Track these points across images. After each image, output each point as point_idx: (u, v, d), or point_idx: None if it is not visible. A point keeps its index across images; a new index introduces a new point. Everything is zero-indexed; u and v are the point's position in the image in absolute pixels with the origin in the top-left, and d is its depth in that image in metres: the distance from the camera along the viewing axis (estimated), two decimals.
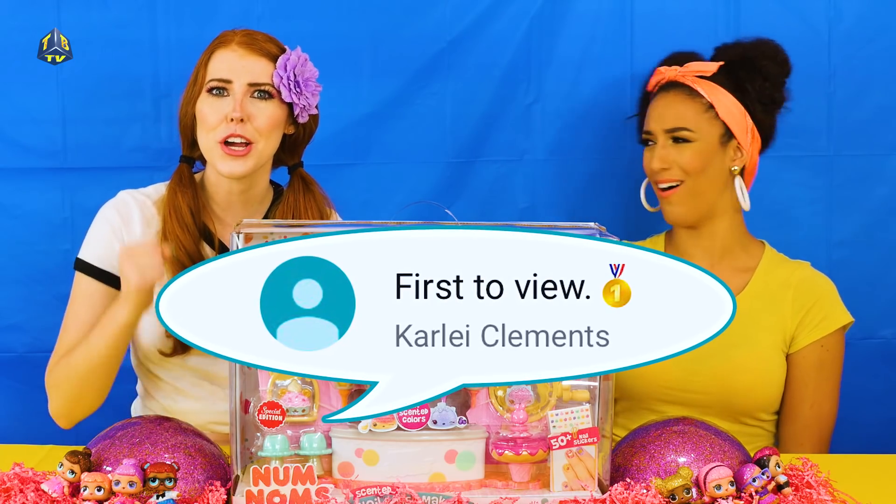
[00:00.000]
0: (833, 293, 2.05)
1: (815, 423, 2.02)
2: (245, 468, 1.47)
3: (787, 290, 2.03)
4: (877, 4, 2.28)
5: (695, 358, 1.95)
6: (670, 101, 2.03)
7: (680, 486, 1.41)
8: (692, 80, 2.02)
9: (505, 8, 2.27)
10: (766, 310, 2.01)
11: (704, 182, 2.01)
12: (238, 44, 1.87)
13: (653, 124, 2.04)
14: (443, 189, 2.30)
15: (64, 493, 1.41)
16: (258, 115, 1.85)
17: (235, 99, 1.84)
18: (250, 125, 1.84)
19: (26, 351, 2.27)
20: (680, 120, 2.01)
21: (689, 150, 2.00)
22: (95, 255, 1.90)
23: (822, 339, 2.01)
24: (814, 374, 2.01)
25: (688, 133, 2.00)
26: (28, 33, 2.20)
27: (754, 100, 2.03)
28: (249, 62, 1.86)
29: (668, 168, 2.01)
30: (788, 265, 2.07)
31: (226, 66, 1.85)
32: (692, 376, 1.97)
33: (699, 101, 2.01)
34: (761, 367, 1.99)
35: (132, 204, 1.92)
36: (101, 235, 1.91)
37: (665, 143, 2.02)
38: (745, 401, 2.00)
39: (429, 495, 1.42)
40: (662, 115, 2.03)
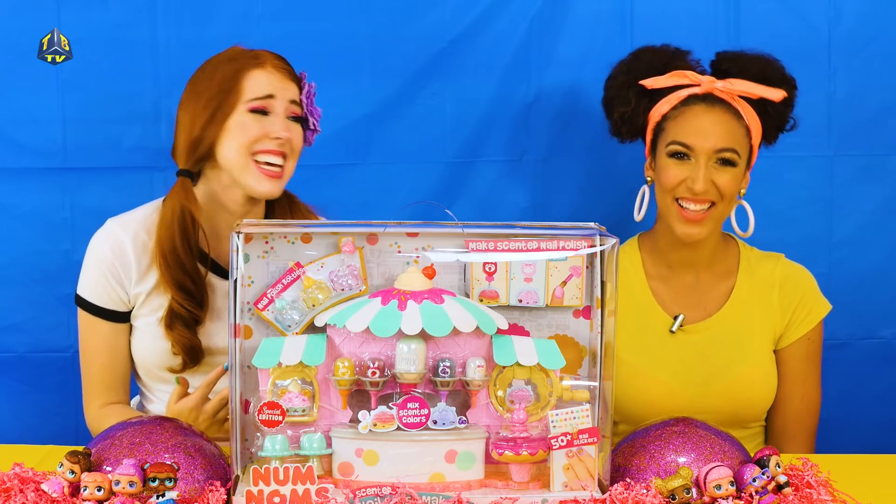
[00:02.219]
0: (813, 284, 2.04)
1: (805, 415, 2.02)
2: (245, 468, 1.47)
3: (771, 289, 2.02)
4: (877, 4, 2.28)
5: (700, 381, 1.96)
6: (718, 119, 1.92)
7: (680, 486, 1.41)
8: (735, 98, 1.93)
9: (505, 8, 2.27)
10: (754, 315, 2.01)
11: (729, 207, 1.96)
12: (274, 67, 1.90)
13: (698, 140, 1.90)
14: (443, 189, 2.30)
15: (64, 493, 1.41)
16: (294, 137, 1.90)
17: (279, 117, 1.88)
18: (289, 146, 1.89)
19: (26, 351, 2.27)
20: (730, 140, 1.91)
21: (729, 173, 1.91)
22: (90, 292, 1.92)
23: (808, 333, 2.01)
24: (801, 367, 2.01)
25: (734, 156, 1.91)
26: (28, 33, 2.20)
27: (772, 125, 1.98)
28: (287, 86, 1.90)
29: (707, 191, 1.90)
30: (766, 261, 2.04)
31: (269, 87, 1.88)
32: (700, 399, 1.96)
33: (741, 122, 1.93)
34: (763, 377, 1.99)
35: (123, 235, 1.91)
36: (93, 274, 1.91)
37: (708, 164, 1.90)
38: (752, 410, 2.00)
39: (429, 495, 1.42)
40: (710, 132, 1.90)
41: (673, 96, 1.96)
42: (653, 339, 1.99)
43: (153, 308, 1.90)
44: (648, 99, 2.00)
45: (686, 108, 1.94)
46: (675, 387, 1.96)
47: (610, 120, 2.06)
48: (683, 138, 1.92)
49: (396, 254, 1.54)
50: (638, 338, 1.99)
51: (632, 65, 2.02)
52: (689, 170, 1.91)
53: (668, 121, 1.95)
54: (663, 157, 1.95)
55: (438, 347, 1.48)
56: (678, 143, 1.92)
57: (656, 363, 1.97)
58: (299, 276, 1.52)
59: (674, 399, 1.95)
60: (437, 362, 1.48)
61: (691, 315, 2.01)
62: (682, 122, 1.93)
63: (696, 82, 1.95)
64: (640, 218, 2.02)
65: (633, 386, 1.96)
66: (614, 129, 2.05)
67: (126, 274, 1.90)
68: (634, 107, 2.01)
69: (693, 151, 1.91)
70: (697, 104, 1.93)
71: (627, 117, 2.02)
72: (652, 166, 2.01)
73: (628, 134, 2.04)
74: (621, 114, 2.02)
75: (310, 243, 1.53)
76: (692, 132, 1.91)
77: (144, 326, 1.91)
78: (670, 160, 1.93)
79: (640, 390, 1.95)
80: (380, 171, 2.30)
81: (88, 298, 1.91)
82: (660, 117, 1.97)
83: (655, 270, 2.04)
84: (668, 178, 1.93)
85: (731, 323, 2.00)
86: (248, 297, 1.51)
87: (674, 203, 1.94)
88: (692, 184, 1.90)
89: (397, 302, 1.46)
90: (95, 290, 1.91)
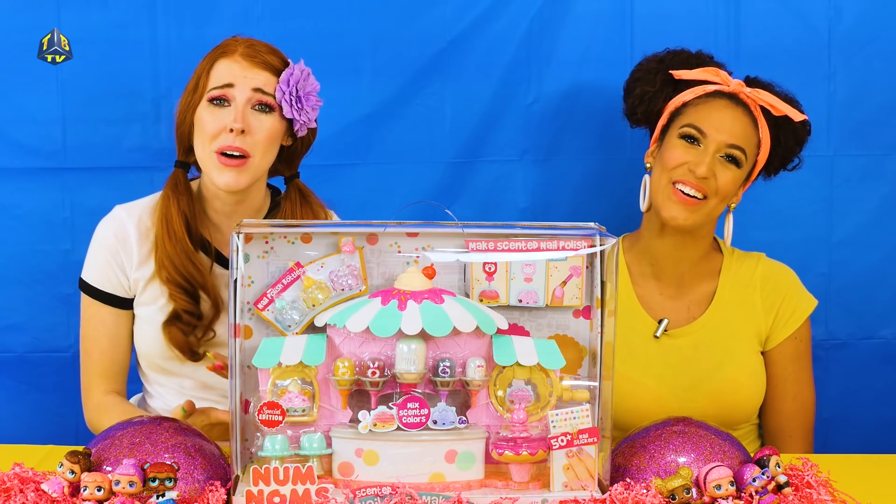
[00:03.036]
0: (796, 282, 2.04)
1: (800, 413, 2.02)
2: (245, 468, 1.47)
3: (753, 291, 2.02)
4: (877, 4, 2.28)
5: (687, 385, 1.96)
6: (737, 116, 1.95)
7: (680, 486, 1.41)
8: (756, 106, 1.96)
9: (505, 8, 2.27)
10: (738, 317, 2.01)
11: (721, 207, 1.96)
12: (241, 55, 1.85)
13: (714, 129, 1.93)
14: (443, 189, 2.30)
15: (64, 493, 1.41)
16: (258, 128, 1.84)
17: (237, 109, 1.82)
18: (250, 137, 1.83)
19: (26, 351, 2.27)
20: (742, 139, 1.93)
21: (731, 172, 1.93)
22: (95, 278, 1.91)
23: (795, 332, 2.01)
24: (791, 367, 2.01)
25: (741, 156, 1.93)
26: (28, 33, 2.20)
27: (778, 155, 2.00)
28: (252, 74, 1.84)
29: (707, 179, 1.93)
30: (748, 261, 2.05)
31: (229, 76, 1.84)
32: (688, 403, 1.95)
33: (756, 132, 1.96)
34: (750, 379, 1.99)
35: (127, 220, 1.91)
36: (98, 259, 1.91)
37: (715, 155, 1.92)
38: (740, 412, 2.00)
39: (429, 495, 1.42)
40: (728, 127, 1.93)
41: (699, 88, 1.98)
42: (638, 345, 1.99)
43: (154, 296, 1.90)
44: (673, 88, 2.02)
45: (710, 100, 1.97)
46: (662, 392, 1.96)
47: (627, 101, 2.07)
48: (700, 123, 1.94)
49: (396, 254, 1.54)
50: (622, 343, 1.95)
51: (666, 57, 2.05)
52: (696, 154, 1.93)
53: (688, 107, 1.98)
54: (673, 138, 1.97)
55: (438, 347, 1.48)
56: (693, 126, 1.94)
57: (642, 368, 1.97)
58: (299, 276, 1.52)
59: (661, 404, 1.95)
60: (437, 362, 1.48)
61: (675, 319, 2.01)
62: (703, 111, 1.96)
63: (726, 82, 1.98)
64: (645, 207, 2.03)
65: (619, 391, 1.91)
66: (629, 109, 2.07)
67: (127, 258, 1.89)
68: (658, 90, 2.02)
69: (705, 139, 1.93)
70: (722, 99, 1.96)
71: (648, 97, 2.03)
72: (654, 153, 2.02)
73: (643, 116, 2.05)
74: (644, 92, 2.03)
75: (310, 243, 1.53)
76: (710, 121, 1.94)
77: (146, 315, 1.91)
78: (680, 141, 1.95)
79: (627, 396, 1.93)
80: (380, 171, 2.30)
81: (92, 282, 1.91)
82: (680, 104, 1.99)
83: (639, 273, 2.04)
84: (673, 157, 1.95)
85: (715, 326, 2.00)
86: (248, 297, 1.51)
87: (669, 184, 1.95)
88: (695, 167, 1.92)
89: (397, 302, 1.46)
90: (98, 273, 1.90)
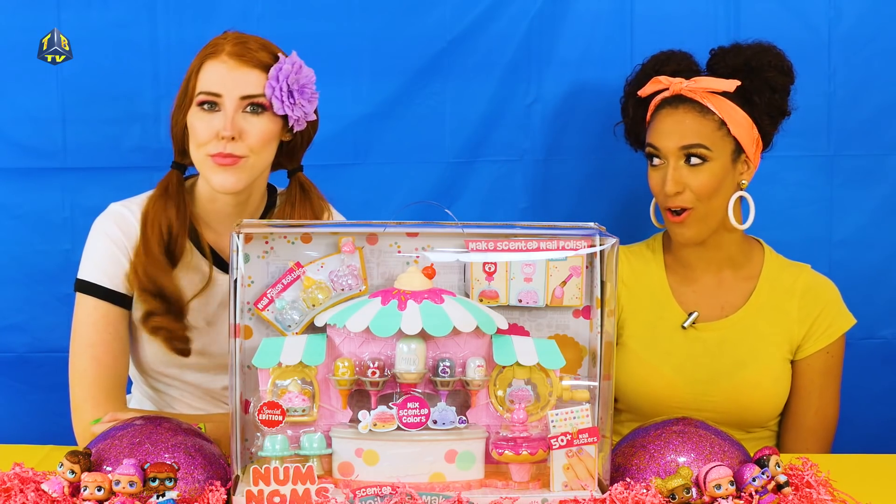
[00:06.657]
0: (837, 298, 2.02)
1: (820, 428, 2.01)
2: (245, 468, 1.47)
3: (791, 299, 2.00)
4: (877, 4, 2.28)
5: (706, 379, 1.96)
6: (681, 118, 1.92)
7: (680, 485, 1.41)
8: (702, 95, 1.92)
9: (505, 8, 2.27)
10: (771, 321, 1.99)
11: (716, 203, 1.94)
12: (229, 54, 1.77)
13: (663, 141, 1.92)
14: (443, 189, 2.30)
15: (64, 493, 1.41)
16: (250, 131, 1.76)
17: (227, 115, 1.75)
18: (242, 142, 1.76)
19: (26, 351, 2.27)
20: (695, 136, 1.91)
21: (703, 172, 1.91)
22: (99, 273, 1.82)
23: (827, 346, 1.99)
24: (819, 381, 2.00)
25: (704, 151, 1.90)
26: (28, 33, 2.20)
27: (763, 112, 1.95)
28: (240, 74, 1.76)
29: (681, 192, 1.91)
30: (790, 270, 2.03)
31: (216, 80, 1.76)
32: (703, 397, 1.96)
33: (711, 118, 1.92)
34: (772, 382, 1.98)
35: (126, 212, 1.84)
36: (103, 252, 1.82)
37: (677, 164, 1.91)
38: (756, 415, 1.99)
39: (429, 495, 1.42)
40: (673, 131, 1.92)
41: (652, 103, 1.99)
42: (663, 333, 2.00)
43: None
44: (644, 109, 2.02)
45: (657, 112, 1.97)
46: (678, 382, 1.96)
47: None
48: (654, 140, 1.95)
49: (396, 254, 1.54)
50: (649, 330, 1.99)
51: (633, 78, 2.05)
52: (661, 173, 1.94)
53: (648, 128, 1.99)
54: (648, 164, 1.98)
55: (438, 347, 1.48)
56: (650, 145, 1.96)
57: (662, 356, 1.98)
58: (299, 276, 1.52)
59: (676, 393, 1.96)
60: (437, 362, 1.48)
61: (707, 314, 2.00)
62: (653, 126, 1.97)
63: (667, 86, 1.96)
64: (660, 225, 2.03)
65: (637, 376, 1.97)
66: (626, 139, 2.09)
67: (133, 248, 1.82)
68: (632, 118, 2.05)
69: (661, 153, 1.94)
70: (665, 108, 1.96)
71: (629, 128, 2.07)
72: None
73: (635, 143, 2.08)
74: (625, 124, 2.07)
75: (310, 243, 1.53)
76: (660, 134, 1.94)
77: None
78: (650, 166, 1.97)
79: (643, 381, 1.96)
80: (380, 171, 2.30)
81: (93, 280, 1.81)
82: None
83: (676, 267, 2.04)
84: (651, 184, 1.97)
85: (745, 326, 1.99)
86: (248, 297, 1.51)
87: (663, 208, 1.97)
88: (664, 187, 1.92)
89: (397, 302, 1.46)
90: (102, 269, 1.81)
